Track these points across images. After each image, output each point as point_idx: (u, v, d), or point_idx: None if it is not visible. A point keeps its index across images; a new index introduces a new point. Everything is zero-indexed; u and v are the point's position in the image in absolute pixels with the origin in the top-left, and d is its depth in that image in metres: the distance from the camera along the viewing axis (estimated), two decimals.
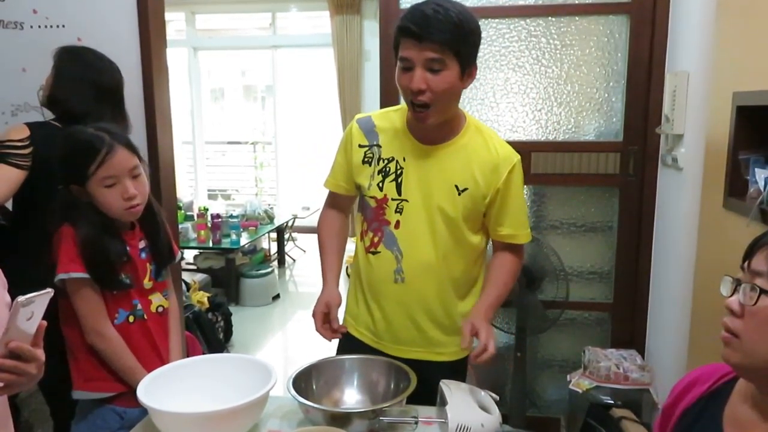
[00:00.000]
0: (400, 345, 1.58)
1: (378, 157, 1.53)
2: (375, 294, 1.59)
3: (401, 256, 1.52)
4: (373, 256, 1.57)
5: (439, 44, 1.33)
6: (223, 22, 7.65)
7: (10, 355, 0.91)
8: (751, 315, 0.84)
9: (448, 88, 1.37)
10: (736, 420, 0.92)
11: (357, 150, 1.56)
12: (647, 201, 2.50)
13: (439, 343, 1.58)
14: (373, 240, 1.56)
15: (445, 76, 1.36)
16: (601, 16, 2.50)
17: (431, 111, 1.40)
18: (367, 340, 1.62)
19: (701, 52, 1.96)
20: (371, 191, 1.54)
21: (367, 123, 1.57)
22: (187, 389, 1.33)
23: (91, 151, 1.39)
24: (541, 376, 2.81)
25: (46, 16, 2.51)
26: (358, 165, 1.56)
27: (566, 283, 2.48)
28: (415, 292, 1.54)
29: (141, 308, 1.51)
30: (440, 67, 1.35)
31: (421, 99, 1.37)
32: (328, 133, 6.91)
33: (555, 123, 2.60)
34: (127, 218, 1.49)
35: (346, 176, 1.60)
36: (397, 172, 1.51)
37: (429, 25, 1.32)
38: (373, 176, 1.54)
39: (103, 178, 1.40)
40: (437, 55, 1.34)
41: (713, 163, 1.75)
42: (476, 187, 1.48)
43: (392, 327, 1.58)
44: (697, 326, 1.91)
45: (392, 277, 1.54)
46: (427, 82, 1.35)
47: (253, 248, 5.47)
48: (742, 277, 0.87)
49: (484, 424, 1.23)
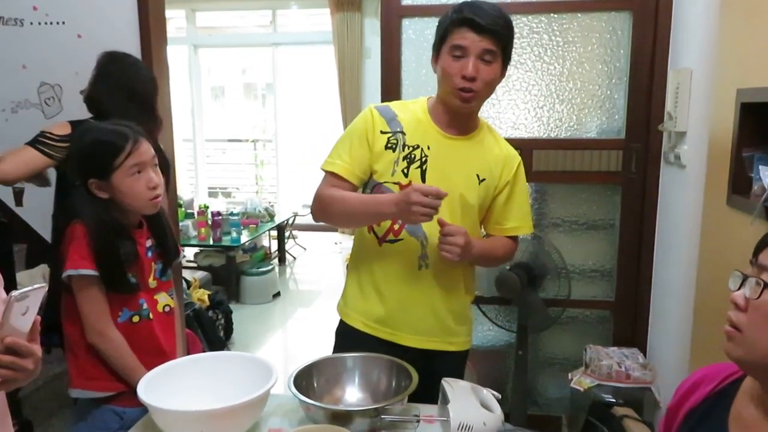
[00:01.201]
0: (418, 335, 1.59)
1: (403, 143, 1.55)
2: (392, 284, 1.58)
3: (426, 241, 1.54)
4: (392, 244, 1.56)
5: (496, 37, 1.44)
6: (223, 20, 7.64)
7: (7, 351, 0.90)
8: (754, 309, 0.84)
9: (494, 78, 1.48)
10: (742, 420, 0.92)
11: (379, 136, 1.56)
12: (649, 199, 2.49)
13: (452, 332, 1.62)
14: (392, 228, 1.56)
15: (494, 68, 1.47)
16: (603, 13, 2.49)
17: (474, 95, 1.48)
18: (381, 334, 1.60)
19: (704, 49, 1.95)
20: (395, 177, 1.54)
21: (388, 111, 1.59)
22: (188, 387, 1.32)
23: (120, 142, 1.41)
24: (542, 375, 2.80)
25: (46, 12, 2.50)
26: (380, 151, 1.55)
27: (568, 281, 2.47)
28: (438, 277, 1.57)
29: (147, 307, 1.51)
30: (491, 59, 1.45)
31: (470, 86, 1.46)
32: (329, 131, 6.90)
33: (557, 120, 2.59)
34: (150, 210, 1.49)
35: (361, 164, 1.56)
36: (422, 159, 1.54)
37: (491, 18, 1.43)
38: (397, 162, 1.55)
39: (131, 166, 1.42)
40: (492, 47, 1.44)
41: (716, 160, 1.75)
42: (492, 178, 1.58)
43: (411, 316, 1.58)
44: (700, 324, 1.90)
45: (416, 263, 1.56)
46: (478, 70, 1.45)
47: (253, 246, 5.47)
48: (750, 271, 0.87)
49: (486, 423, 1.22)
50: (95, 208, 1.43)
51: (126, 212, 1.47)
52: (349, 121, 7.54)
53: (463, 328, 1.65)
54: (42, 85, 2.58)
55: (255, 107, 7.96)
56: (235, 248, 4.92)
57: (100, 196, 1.43)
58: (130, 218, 1.49)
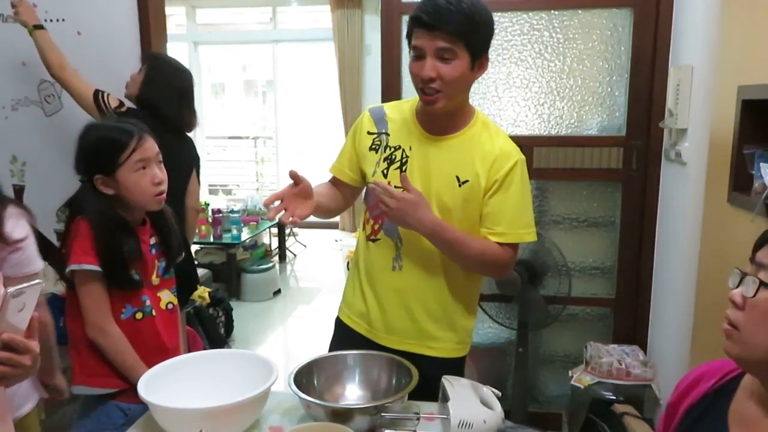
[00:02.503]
0: (392, 335, 1.58)
1: (385, 144, 1.55)
2: (372, 282, 1.60)
3: (401, 243, 1.54)
4: (373, 243, 1.58)
5: (449, 34, 1.36)
6: (223, 17, 7.63)
7: (4, 347, 0.90)
8: (751, 307, 0.84)
9: (457, 77, 1.40)
10: (742, 417, 0.91)
11: (365, 137, 1.58)
12: (650, 196, 2.48)
13: (431, 336, 1.58)
14: (374, 227, 1.58)
15: (455, 65, 1.39)
16: (604, 9, 2.48)
17: (441, 95, 1.42)
18: (360, 329, 1.63)
19: (706, 45, 1.95)
20: (375, 177, 1.54)
21: (379, 112, 1.60)
22: (188, 385, 1.32)
23: (124, 138, 1.43)
24: (542, 372, 2.80)
25: (45, 9, 2.50)
26: (365, 152, 1.58)
27: (568, 279, 2.47)
28: (411, 281, 1.55)
29: (150, 304, 1.51)
30: (450, 56, 1.38)
31: (432, 87, 1.41)
32: (329, 128, 6.89)
33: (557, 117, 2.58)
34: (154, 206, 1.50)
35: (351, 163, 1.62)
36: (402, 160, 1.53)
37: (440, 15, 1.35)
38: (378, 163, 1.55)
39: (136, 161, 1.43)
40: (447, 44, 1.37)
41: (717, 157, 1.74)
42: (477, 179, 1.48)
43: (386, 316, 1.58)
44: (700, 322, 1.90)
45: (390, 264, 1.55)
46: (437, 70, 1.39)
47: (254, 243, 5.47)
48: (749, 269, 0.87)
49: (486, 420, 1.22)
50: (99, 204, 1.44)
51: (130, 209, 1.48)
52: (350, 117, 7.51)
53: (447, 333, 1.57)
54: (42, 82, 2.58)
55: (255, 104, 7.95)
56: (235, 245, 4.92)
57: (105, 192, 1.44)
58: (135, 215, 1.50)
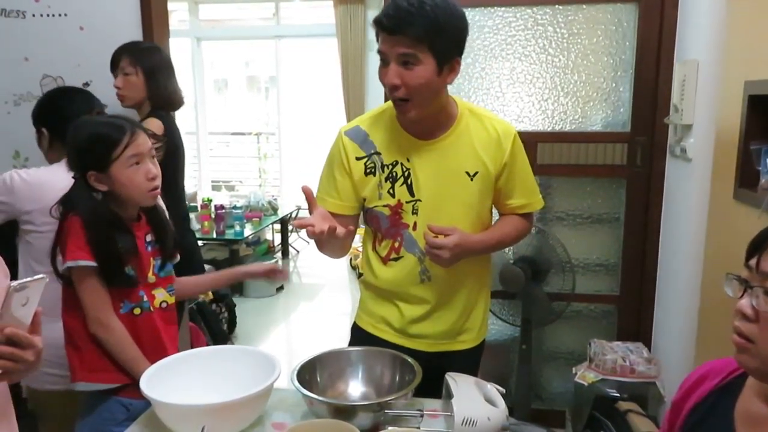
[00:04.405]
0: (426, 339, 1.58)
1: (380, 164, 1.49)
2: (399, 296, 1.57)
3: (423, 256, 1.51)
4: (396, 262, 1.55)
5: (410, 38, 1.29)
6: (226, 13, 7.61)
7: (7, 342, 0.90)
8: (766, 320, 0.81)
9: (423, 83, 1.33)
10: (749, 415, 0.91)
11: (355, 163, 1.50)
12: (655, 192, 2.47)
13: (462, 330, 1.60)
14: (393, 246, 1.54)
15: (418, 71, 1.32)
16: (608, 4, 2.46)
17: (411, 105, 1.37)
18: (386, 335, 1.60)
19: (711, 40, 1.93)
20: (383, 200, 1.50)
21: (358, 133, 1.52)
22: (191, 381, 1.32)
23: (117, 134, 1.42)
24: (546, 369, 2.79)
25: (48, 4, 2.50)
26: (360, 178, 1.50)
27: (572, 276, 2.46)
28: (442, 286, 1.54)
29: (147, 300, 1.51)
30: (413, 61, 1.32)
31: (397, 94, 1.36)
32: (332, 124, 6.88)
33: (561, 113, 2.57)
34: (148, 201, 1.49)
35: (349, 194, 1.52)
36: (405, 174, 1.48)
37: (400, 19, 1.28)
38: (380, 184, 1.50)
39: (129, 157, 1.42)
40: (409, 49, 1.30)
41: (723, 153, 1.73)
42: (485, 168, 1.48)
43: (419, 324, 1.57)
44: (705, 319, 1.89)
45: (417, 278, 1.53)
46: (401, 77, 1.33)
47: (256, 239, 5.47)
48: (749, 277, 0.84)
49: (490, 417, 1.22)
50: (91, 201, 1.43)
51: (124, 205, 1.47)
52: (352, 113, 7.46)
53: (474, 323, 1.61)
54: (44, 77, 2.57)
55: (258, 100, 7.94)
56: (238, 242, 4.92)
57: (99, 188, 1.43)
58: (129, 211, 1.49)
